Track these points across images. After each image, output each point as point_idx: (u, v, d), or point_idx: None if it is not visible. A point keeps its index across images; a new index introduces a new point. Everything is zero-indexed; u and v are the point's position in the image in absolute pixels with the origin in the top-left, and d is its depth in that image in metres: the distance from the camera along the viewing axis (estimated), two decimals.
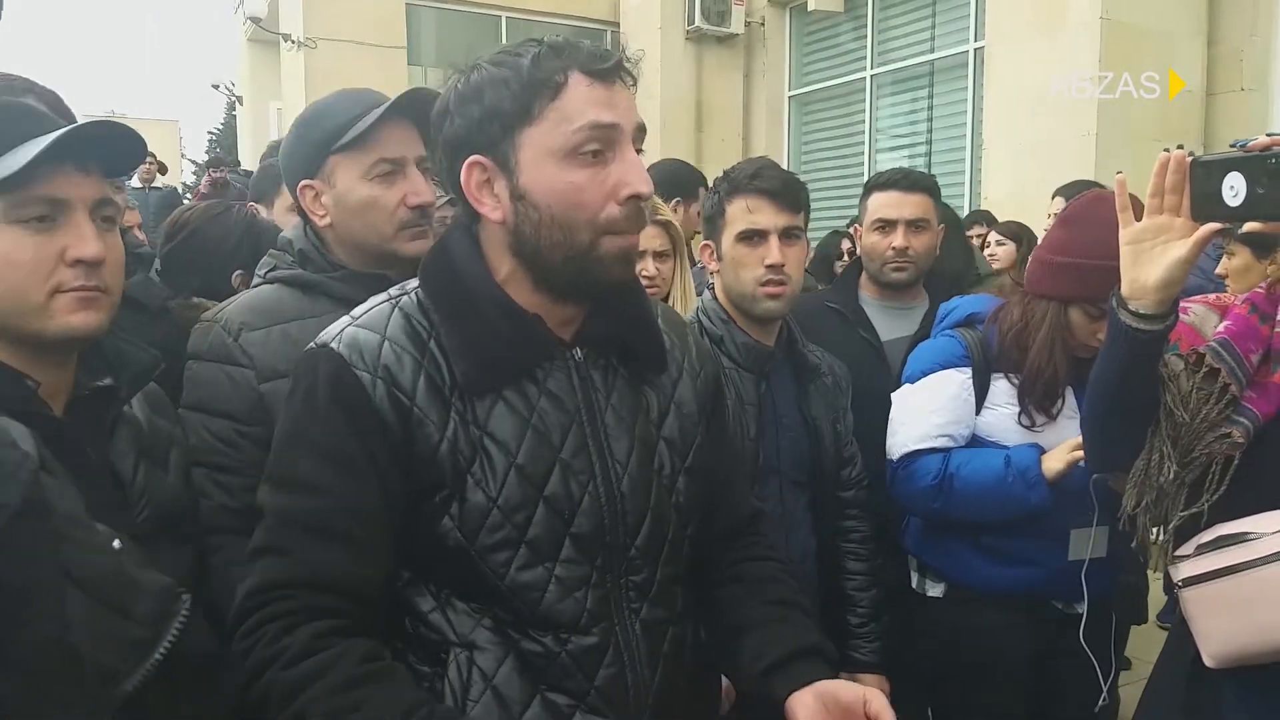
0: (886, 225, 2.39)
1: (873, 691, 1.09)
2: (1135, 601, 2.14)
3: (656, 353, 1.24)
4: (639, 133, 1.12)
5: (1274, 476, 1.36)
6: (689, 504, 1.23)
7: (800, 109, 9.15)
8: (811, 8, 8.28)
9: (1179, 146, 1.30)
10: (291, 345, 1.43)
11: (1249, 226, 1.27)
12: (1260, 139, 1.23)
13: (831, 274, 4.41)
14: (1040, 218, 4.41)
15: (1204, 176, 1.25)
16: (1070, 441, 1.84)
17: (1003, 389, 1.97)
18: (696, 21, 8.75)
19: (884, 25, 8.14)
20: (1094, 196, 1.96)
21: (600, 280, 1.12)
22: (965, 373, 1.98)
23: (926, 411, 1.99)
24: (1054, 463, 1.86)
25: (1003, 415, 1.96)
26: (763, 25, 9.11)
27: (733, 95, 9.31)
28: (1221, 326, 1.45)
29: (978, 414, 1.99)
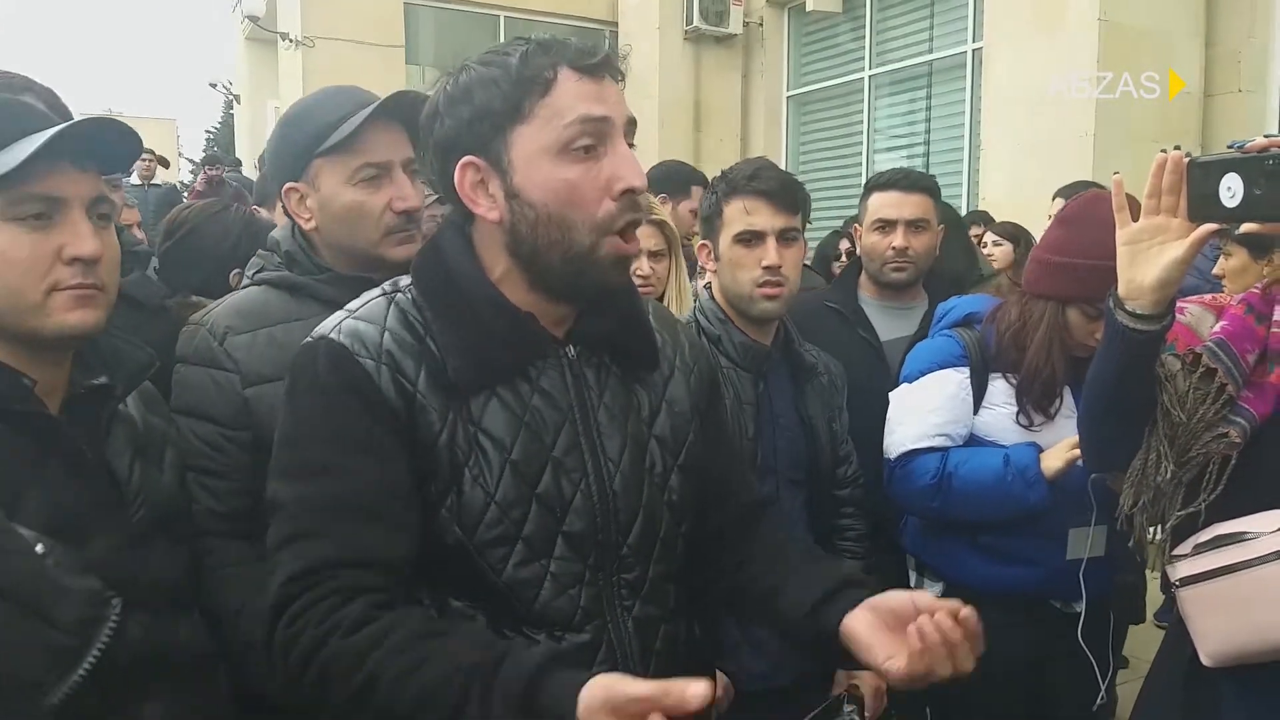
0: (886, 225, 2.39)
1: (919, 593, 1.11)
2: (1133, 601, 2.14)
3: (649, 351, 1.24)
4: (630, 126, 1.11)
5: (1271, 476, 1.37)
6: (682, 502, 1.23)
7: (798, 109, 9.15)
8: (810, 8, 8.28)
9: (1176, 147, 1.30)
10: (277, 349, 1.41)
11: (1246, 227, 1.28)
12: (1258, 140, 1.23)
13: (830, 274, 4.41)
14: (1039, 218, 4.39)
15: (1201, 177, 1.25)
16: (1069, 440, 1.84)
17: (1000, 389, 1.97)
18: (695, 21, 8.74)
19: (882, 25, 8.14)
20: (1091, 197, 1.97)
21: (597, 283, 1.12)
22: (963, 372, 1.98)
23: (924, 411, 1.99)
24: (1053, 461, 1.86)
25: (1000, 415, 1.97)
26: (761, 25, 9.11)
27: (731, 95, 9.30)
28: (1218, 327, 1.45)
29: (975, 414, 1.99)
